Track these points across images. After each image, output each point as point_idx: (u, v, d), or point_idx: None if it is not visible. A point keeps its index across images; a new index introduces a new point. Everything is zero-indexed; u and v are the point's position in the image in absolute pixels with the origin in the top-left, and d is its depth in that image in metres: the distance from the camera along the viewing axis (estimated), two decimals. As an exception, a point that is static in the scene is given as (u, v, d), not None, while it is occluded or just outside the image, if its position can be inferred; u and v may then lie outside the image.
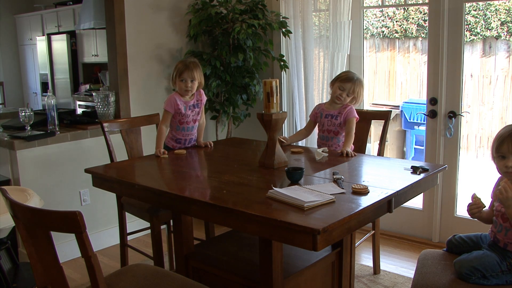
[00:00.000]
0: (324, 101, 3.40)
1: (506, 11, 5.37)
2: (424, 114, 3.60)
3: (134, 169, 2.70)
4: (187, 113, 3.00)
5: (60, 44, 7.03)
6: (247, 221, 1.85)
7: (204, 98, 3.10)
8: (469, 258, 2.02)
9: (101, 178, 2.53)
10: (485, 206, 2.12)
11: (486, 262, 1.98)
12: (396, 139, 5.88)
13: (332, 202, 1.90)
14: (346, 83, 2.95)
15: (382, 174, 2.41)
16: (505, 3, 5.24)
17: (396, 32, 6.03)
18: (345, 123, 2.95)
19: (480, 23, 5.49)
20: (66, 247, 3.22)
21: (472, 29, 5.49)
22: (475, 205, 2.10)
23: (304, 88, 4.03)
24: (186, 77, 2.92)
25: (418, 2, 4.01)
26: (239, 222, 1.90)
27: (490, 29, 5.43)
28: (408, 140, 5.78)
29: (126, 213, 3.04)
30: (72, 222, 1.48)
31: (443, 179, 3.55)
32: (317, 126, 3.13)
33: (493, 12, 5.42)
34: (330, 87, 3.09)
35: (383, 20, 6.15)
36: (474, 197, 2.12)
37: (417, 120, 5.56)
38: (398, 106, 5.75)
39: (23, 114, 3.36)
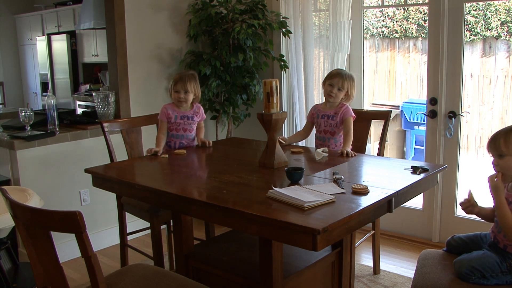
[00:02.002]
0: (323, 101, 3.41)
1: (506, 11, 5.37)
2: (424, 114, 3.60)
3: (134, 169, 2.70)
4: (177, 122, 3.05)
5: (60, 44, 7.03)
6: (247, 221, 1.85)
7: (202, 115, 3.12)
8: (469, 258, 2.02)
9: (101, 178, 2.53)
10: (476, 204, 2.14)
11: (486, 262, 1.98)
12: (396, 139, 5.88)
13: (332, 202, 1.90)
14: (334, 78, 2.99)
15: (382, 174, 2.40)
16: (505, 3, 5.24)
17: (396, 32, 6.03)
18: (342, 123, 2.95)
19: (480, 23, 5.49)
20: (66, 247, 3.22)
21: (472, 29, 5.48)
22: (466, 201, 2.14)
23: (304, 88, 4.03)
24: (179, 88, 2.99)
25: (418, 2, 4.01)
26: (239, 222, 1.90)
27: (490, 29, 5.43)
28: (408, 140, 5.78)
29: (126, 213, 3.04)
30: (72, 222, 1.48)
31: (443, 179, 3.55)
32: (314, 127, 3.14)
33: (493, 12, 5.42)
34: (322, 87, 3.11)
35: (383, 20, 6.15)
36: (470, 193, 2.15)
37: (417, 120, 5.56)
38: (398, 106, 5.75)
39: (23, 114, 3.36)
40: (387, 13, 6.04)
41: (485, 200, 2.17)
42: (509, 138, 1.95)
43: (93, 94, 3.82)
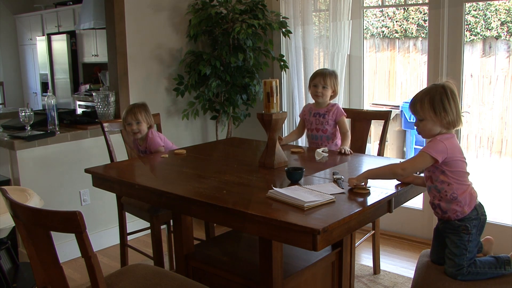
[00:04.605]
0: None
1: (506, 11, 5.37)
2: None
3: (134, 169, 2.70)
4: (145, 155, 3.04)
5: (60, 44, 7.03)
6: (247, 221, 1.85)
7: (156, 144, 2.98)
8: (447, 259, 2.04)
9: (101, 178, 2.53)
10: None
11: (452, 249, 2.02)
12: (396, 139, 5.88)
13: (332, 202, 1.90)
14: (316, 78, 3.05)
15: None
16: (505, 3, 5.24)
17: (396, 32, 6.03)
18: (336, 124, 3.02)
19: (480, 23, 5.49)
20: (66, 247, 3.22)
21: (472, 29, 5.48)
22: None
23: (304, 88, 4.03)
24: (130, 120, 2.94)
25: (418, 2, 4.01)
26: (239, 222, 1.90)
27: (490, 29, 5.43)
28: (408, 140, 5.78)
29: (126, 213, 3.05)
30: (72, 222, 1.48)
31: (443, 179, 3.55)
32: (306, 126, 3.17)
33: (493, 12, 5.42)
34: (308, 90, 3.16)
35: (383, 20, 6.15)
36: None
37: (417, 120, 5.54)
38: (398, 106, 5.75)
39: (23, 114, 3.36)
40: (387, 13, 6.04)
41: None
42: (424, 104, 2.01)
43: (93, 94, 3.82)
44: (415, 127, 2.10)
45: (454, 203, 2.02)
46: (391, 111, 3.24)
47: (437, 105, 1.99)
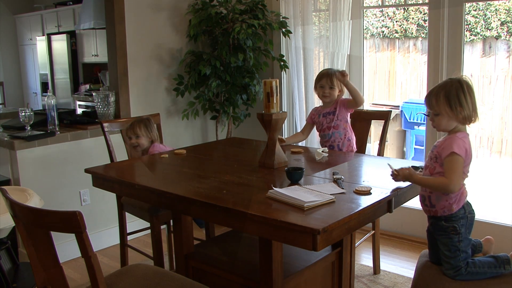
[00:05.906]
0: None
1: (506, 11, 5.37)
2: (424, 114, 3.59)
3: (134, 169, 2.70)
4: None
5: (60, 44, 7.03)
6: (247, 221, 1.85)
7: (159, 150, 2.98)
8: (443, 261, 2.04)
9: (101, 178, 2.53)
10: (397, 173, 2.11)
11: (445, 251, 2.02)
12: (396, 139, 5.88)
13: (332, 202, 1.90)
14: (322, 79, 3.04)
15: (382, 174, 2.40)
16: (505, 3, 5.24)
17: (396, 32, 6.03)
18: (346, 109, 3.03)
19: (480, 23, 5.49)
20: (66, 247, 3.22)
21: (472, 29, 5.48)
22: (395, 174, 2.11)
23: (304, 88, 4.03)
24: (130, 134, 2.97)
25: (418, 2, 4.02)
26: (239, 222, 1.90)
27: (490, 29, 5.43)
28: (408, 140, 5.78)
29: (126, 213, 3.05)
30: (72, 222, 1.48)
31: (443, 179, 3.54)
32: (315, 128, 3.15)
33: (493, 12, 5.42)
34: (314, 91, 3.16)
35: (383, 20, 6.15)
36: (390, 166, 2.16)
37: (417, 120, 5.55)
38: (398, 106, 5.75)
39: (23, 114, 3.36)
40: (387, 13, 6.04)
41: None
42: (440, 98, 1.99)
43: (93, 94, 3.82)
44: (430, 122, 2.08)
45: (444, 198, 2.02)
46: (391, 111, 3.24)
47: (452, 100, 1.96)
